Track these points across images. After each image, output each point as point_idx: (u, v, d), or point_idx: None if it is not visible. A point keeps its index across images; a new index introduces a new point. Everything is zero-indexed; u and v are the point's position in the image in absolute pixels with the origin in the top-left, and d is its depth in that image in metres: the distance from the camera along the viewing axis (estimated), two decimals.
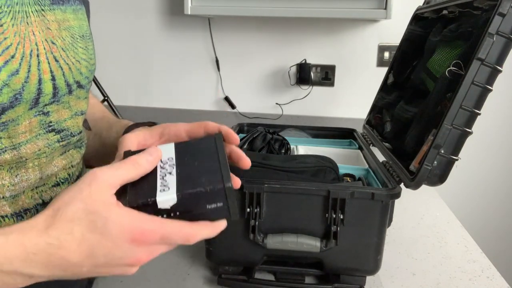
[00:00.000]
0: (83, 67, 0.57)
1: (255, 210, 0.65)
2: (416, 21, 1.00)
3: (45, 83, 0.50)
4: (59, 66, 0.52)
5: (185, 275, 0.76)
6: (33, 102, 0.48)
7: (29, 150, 0.50)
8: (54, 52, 0.52)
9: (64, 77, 0.53)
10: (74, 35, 0.56)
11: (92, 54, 0.62)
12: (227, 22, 1.75)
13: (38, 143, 0.51)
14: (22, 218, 0.51)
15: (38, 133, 0.51)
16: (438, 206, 1.11)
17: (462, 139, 0.62)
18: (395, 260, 0.83)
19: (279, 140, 0.93)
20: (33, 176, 0.51)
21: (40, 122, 0.51)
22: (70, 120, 0.56)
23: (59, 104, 0.53)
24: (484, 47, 0.59)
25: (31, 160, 0.50)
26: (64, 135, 0.55)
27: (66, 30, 0.55)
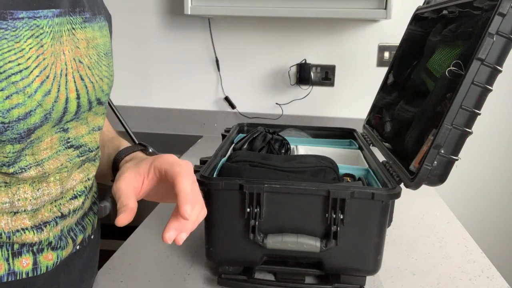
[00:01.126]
0: (104, 85, 0.58)
1: (255, 210, 0.65)
2: (416, 21, 1.00)
3: (71, 101, 0.50)
4: (84, 84, 0.53)
5: (185, 275, 0.76)
6: (58, 120, 0.49)
7: (52, 166, 0.51)
8: (80, 71, 0.52)
9: (87, 95, 0.54)
10: (100, 53, 0.57)
11: (112, 71, 0.63)
12: (227, 22, 1.75)
13: (59, 158, 0.52)
14: (42, 230, 0.52)
15: (58, 149, 0.52)
16: (438, 206, 1.11)
17: (462, 139, 0.62)
18: (395, 260, 0.83)
19: (279, 140, 0.93)
20: (54, 190, 0.52)
21: (59, 139, 0.52)
22: (87, 136, 0.57)
23: (78, 121, 0.54)
24: (484, 47, 0.59)
25: (53, 175, 0.52)
26: (83, 150, 0.56)
27: (93, 48, 0.56)
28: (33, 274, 0.52)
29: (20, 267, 0.51)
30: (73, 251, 0.59)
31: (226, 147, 0.89)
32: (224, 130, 1.03)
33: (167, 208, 1.06)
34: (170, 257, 0.82)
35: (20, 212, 0.50)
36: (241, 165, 0.75)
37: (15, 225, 0.50)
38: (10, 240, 0.50)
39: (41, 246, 0.53)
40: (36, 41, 0.44)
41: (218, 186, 0.66)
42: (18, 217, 0.50)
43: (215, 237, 0.69)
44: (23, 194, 0.49)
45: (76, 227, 0.59)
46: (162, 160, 0.53)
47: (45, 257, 0.53)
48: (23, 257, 0.51)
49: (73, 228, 0.58)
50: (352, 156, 0.94)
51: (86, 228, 0.61)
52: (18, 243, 0.51)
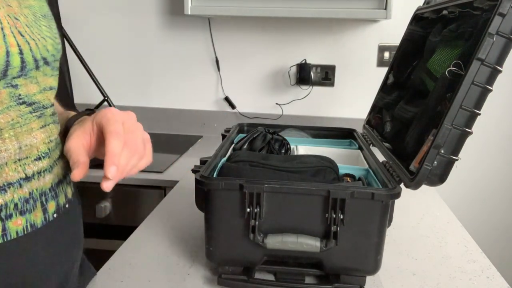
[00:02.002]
0: (48, 45, 0.59)
1: (255, 210, 0.65)
2: (416, 21, 1.00)
3: (13, 56, 0.51)
4: (26, 41, 0.54)
5: (185, 275, 0.76)
6: (2, 73, 0.50)
7: (2, 120, 0.52)
8: (18, 27, 0.53)
9: (31, 52, 0.55)
10: (35, 13, 0.58)
11: (56, 34, 0.63)
12: (227, 22, 1.75)
13: (10, 113, 0.53)
14: (5, 192, 0.53)
15: (9, 104, 0.53)
16: (438, 206, 1.11)
17: (462, 139, 0.62)
18: (395, 260, 0.83)
19: (279, 140, 0.93)
20: (11, 146, 0.53)
21: (9, 94, 0.53)
22: (39, 95, 0.58)
23: (27, 79, 0.55)
24: (484, 47, 0.59)
25: (6, 130, 0.52)
26: (36, 107, 0.57)
27: (27, 8, 0.57)
28: (3, 240, 0.53)
29: None
30: (48, 219, 0.58)
31: (226, 147, 0.89)
32: (224, 130, 1.03)
33: (167, 208, 1.06)
34: (170, 257, 0.82)
35: None
36: (241, 165, 0.75)
37: None
38: None
39: (9, 212, 0.53)
40: None
41: (218, 186, 0.66)
42: None
43: (215, 237, 0.69)
44: None
45: (49, 193, 0.59)
46: (100, 116, 0.56)
47: (13, 222, 0.54)
48: None
49: (46, 193, 0.58)
50: (352, 156, 0.94)
51: (58, 196, 0.61)
52: None
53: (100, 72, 1.69)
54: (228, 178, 0.68)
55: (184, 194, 1.15)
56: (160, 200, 1.12)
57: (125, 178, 0.57)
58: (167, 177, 1.32)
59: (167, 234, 0.91)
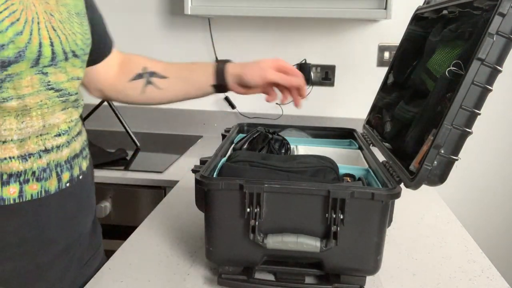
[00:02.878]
0: (78, 39, 0.67)
1: (255, 210, 0.65)
2: (416, 21, 1.00)
3: (44, 47, 0.59)
4: (57, 35, 0.62)
5: (185, 275, 0.76)
6: (34, 61, 0.58)
7: (33, 101, 0.59)
8: (52, 22, 0.61)
9: (61, 45, 0.62)
10: (70, 11, 0.66)
11: (86, 30, 0.70)
12: (227, 22, 1.75)
13: (40, 96, 0.60)
14: (26, 160, 0.60)
15: (40, 89, 0.60)
16: (438, 206, 1.11)
17: (462, 139, 0.62)
18: (395, 260, 0.83)
19: (279, 140, 0.93)
20: (37, 123, 0.61)
21: (40, 80, 0.60)
22: (67, 83, 0.65)
23: (57, 68, 0.63)
24: (484, 47, 0.59)
25: (34, 109, 0.60)
26: (63, 93, 0.64)
27: (63, 6, 0.65)
28: (19, 201, 0.60)
29: (7, 194, 0.59)
30: (61, 187, 0.66)
31: (226, 147, 0.89)
32: (224, 130, 1.03)
33: (167, 208, 1.06)
34: (170, 257, 0.82)
35: (7, 142, 0.58)
36: (241, 165, 0.75)
37: (3, 154, 0.58)
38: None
39: (27, 177, 0.61)
40: None
41: (218, 186, 0.66)
42: (7, 146, 0.58)
43: (215, 237, 0.69)
44: (8, 125, 0.58)
45: (64, 165, 0.66)
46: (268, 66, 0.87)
47: (30, 187, 0.61)
48: (11, 186, 0.60)
49: (61, 165, 0.65)
50: (352, 156, 0.94)
51: (73, 168, 0.68)
52: (6, 173, 0.59)
53: None
54: (228, 178, 0.68)
55: (184, 194, 1.15)
56: (160, 200, 1.12)
57: (126, 178, 0.62)
58: (167, 177, 1.32)
59: (167, 234, 0.91)
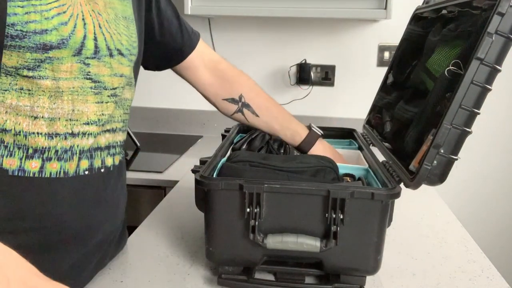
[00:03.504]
0: (123, 39, 0.69)
1: (255, 210, 0.65)
2: (416, 21, 1.00)
3: (88, 40, 0.63)
4: (102, 32, 0.65)
5: (185, 275, 0.76)
6: (77, 51, 0.62)
7: (65, 85, 0.62)
8: (99, 20, 0.65)
9: (105, 41, 0.65)
10: (117, 14, 0.69)
11: (133, 34, 0.73)
12: (227, 22, 1.75)
13: (74, 82, 0.63)
14: (52, 139, 0.63)
15: (77, 76, 0.63)
16: (438, 206, 1.11)
17: (461, 139, 0.62)
18: (395, 260, 0.83)
19: (277, 140, 0.93)
20: (67, 106, 0.63)
21: (80, 69, 0.63)
22: (108, 77, 0.67)
23: (100, 62, 0.65)
24: (483, 47, 0.59)
25: (66, 94, 0.63)
26: (98, 85, 0.66)
27: (111, 8, 0.68)
28: (39, 175, 0.63)
29: (29, 167, 0.62)
30: (79, 172, 0.67)
31: (226, 147, 0.89)
32: (224, 130, 1.03)
33: (167, 208, 1.06)
34: (170, 257, 0.82)
35: (39, 118, 0.61)
36: (241, 165, 0.75)
37: (33, 128, 0.61)
38: (26, 139, 0.61)
39: (50, 155, 0.63)
40: None
41: (218, 186, 0.66)
42: (38, 122, 0.62)
43: (215, 237, 0.69)
44: (41, 103, 0.61)
45: (87, 153, 0.68)
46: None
47: (51, 165, 0.64)
48: (34, 160, 0.62)
49: (82, 151, 0.67)
50: (352, 156, 0.94)
51: (94, 158, 0.69)
52: (32, 147, 0.62)
53: None
54: (228, 178, 0.68)
55: (184, 194, 1.15)
56: (160, 200, 1.12)
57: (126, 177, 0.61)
58: (167, 177, 1.32)
59: (167, 234, 0.91)
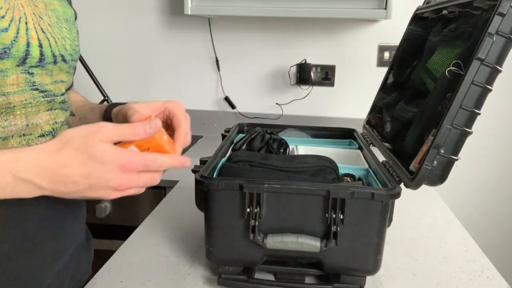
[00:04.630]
0: (67, 44, 0.66)
1: (255, 210, 0.65)
2: (416, 21, 1.00)
3: (33, 47, 0.58)
4: (46, 37, 0.61)
5: (185, 275, 0.76)
6: (21, 60, 0.57)
7: (17, 99, 0.58)
8: (41, 24, 0.61)
9: (50, 47, 0.62)
10: (59, 16, 0.66)
11: (75, 37, 0.70)
12: (227, 22, 1.75)
13: (24, 95, 0.59)
14: None
15: (24, 88, 0.59)
16: (438, 206, 1.11)
17: (462, 139, 0.62)
18: (395, 260, 0.83)
19: (277, 140, 0.93)
20: (20, 122, 0.59)
21: (25, 80, 0.59)
22: (51, 85, 0.64)
23: (43, 70, 0.62)
24: (484, 47, 0.59)
25: (18, 108, 0.59)
26: (48, 94, 0.63)
27: (52, 11, 0.64)
28: None
29: None
30: None
31: (226, 147, 0.89)
32: (224, 130, 1.03)
33: (167, 208, 1.06)
34: (170, 257, 0.82)
35: None
36: (241, 165, 0.75)
37: None
38: None
39: None
40: None
41: (218, 186, 0.66)
42: None
43: (215, 237, 0.69)
44: None
45: None
46: (176, 104, 0.64)
47: None
48: None
49: None
50: (352, 156, 0.94)
51: None
52: None
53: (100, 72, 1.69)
54: (228, 178, 0.68)
55: (184, 194, 1.15)
56: (160, 200, 1.12)
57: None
58: (167, 177, 1.32)
59: (167, 234, 0.91)
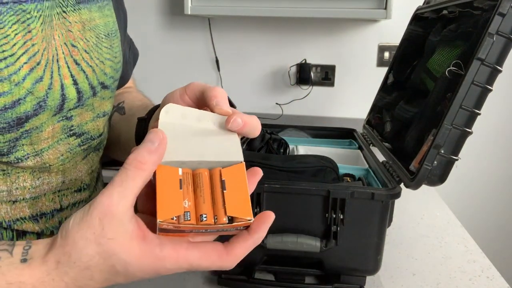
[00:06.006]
0: (107, 67, 0.56)
1: (255, 210, 0.65)
2: (416, 21, 1.00)
3: (67, 88, 0.48)
4: (81, 69, 0.51)
5: (185, 275, 0.76)
6: (58, 108, 0.47)
7: (52, 156, 0.49)
8: (74, 55, 0.50)
9: (87, 80, 0.51)
10: (99, 34, 0.54)
11: (117, 52, 0.60)
12: (227, 22, 1.75)
13: (59, 148, 0.50)
14: (37, 221, 0.51)
15: (60, 138, 0.50)
16: (438, 206, 1.11)
17: (462, 139, 0.62)
18: (395, 260, 0.82)
19: (277, 140, 0.92)
20: (55, 180, 0.51)
21: (62, 127, 0.50)
22: (91, 123, 0.55)
23: (83, 107, 0.52)
24: (484, 47, 0.59)
25: (55, 166, 0.50)
26: (85, 138, 0.54)
27: (91, 30, 0.53)
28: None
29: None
30: None
31: None
32: None
33: None
34: None
35: (19, 201, 0.48)
36: None
37: (14, 214, 0.48)
38: (11, 228, 0.49)
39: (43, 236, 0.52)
40: (23, 27, 0.42)
41: None
42: (17, 205, 0.48)
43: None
44: (22, 183, 0.47)
45: None
46: (195, 85, 0.47)
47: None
48: (27, 237, 0.51)
49: None
50: (352, 156, 0.94)
51: None
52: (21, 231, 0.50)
53: None
54: None
55: None
56: None
57: None
58: None
59: None
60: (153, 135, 0.36)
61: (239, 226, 0.36)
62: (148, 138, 0.36)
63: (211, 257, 0.36)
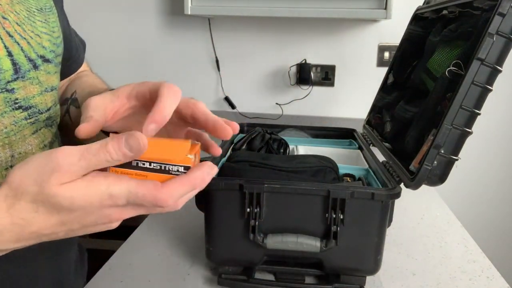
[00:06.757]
0: (45, 41, 0.56)
1: (255, 210, 0.65)
2: (416, 21, 1.00)
3: (1, 59, 0.48)
4: (15, 41, 0.51)
5: (185, 275, 0.76)
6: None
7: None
8: (6, 27, 0.50)
9: (23, 52, 0.52)
10: (30, 8, 0.55)
11: (55, 27, 0.59)
12: (227, 22, 1.75)
13: (3, 121, 0.50)
14: None
15: (4, 110, 0.50)
16: (438, 206, 1.11)
17: (462, 139, 0.62)
18: (395, 260, 0.83)
19: (277, 140, 0.93)
20: (3, 154, 0.51)
21: (4, 100, 0.50)
22: (38, 97, 0.55)
23: (26, 80, 0.52)
24: (484, 47, 0.59)
25: (0, 139, 0.50)
26: (32, 112, 0.54)
27: (20, 4, 0.54)
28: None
29: None
30: None
31: (226, 147, 0.89)
32: None
33: None
34: (170, 257, 0.82)
35: None
36: (241, 165, 0.75)
37: None
38: None
39: None
40: None
41: (218, 186, 0.66)
42: None
43: (215, 237, 0.69)
44: None
45: None
46: (147, 83, 0.47)
47: None
48: None
49: None
50: (352, 156, 0.94)
51: None
52: None
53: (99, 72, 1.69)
54: (228, 178, 0.68)
55: None
56: None
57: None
58: None
59: (167, 234, 0.91)
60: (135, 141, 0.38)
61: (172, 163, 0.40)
62: (130, 143, 0.37)
63: (147, 185, 0.38)
